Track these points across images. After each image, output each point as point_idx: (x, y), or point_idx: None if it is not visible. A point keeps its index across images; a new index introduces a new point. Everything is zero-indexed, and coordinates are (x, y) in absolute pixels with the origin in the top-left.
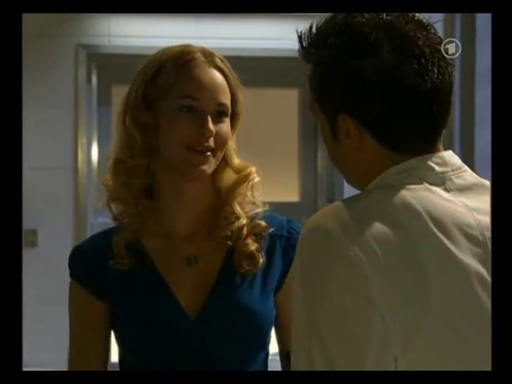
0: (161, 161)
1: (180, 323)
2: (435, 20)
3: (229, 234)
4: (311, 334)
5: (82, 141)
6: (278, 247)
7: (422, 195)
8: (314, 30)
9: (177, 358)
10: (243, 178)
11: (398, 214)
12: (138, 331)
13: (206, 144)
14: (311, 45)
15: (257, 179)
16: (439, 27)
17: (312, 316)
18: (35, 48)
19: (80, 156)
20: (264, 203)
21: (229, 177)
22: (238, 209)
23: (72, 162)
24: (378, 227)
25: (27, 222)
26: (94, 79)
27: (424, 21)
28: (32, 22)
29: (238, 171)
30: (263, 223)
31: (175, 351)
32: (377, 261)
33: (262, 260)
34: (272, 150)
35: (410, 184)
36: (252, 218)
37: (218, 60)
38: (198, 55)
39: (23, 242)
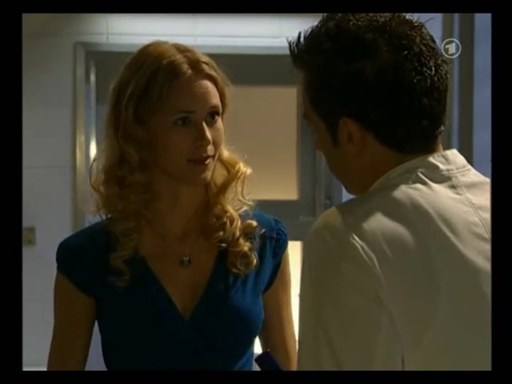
0: (159, 170)
1: (174, 323)
2: (425, 19)
3: (222, 234)
4: (319, 334)
5: (81, 139)
6: (268, 248)
7: (429, 194)
8: (302, 38)
9: (169, 357)
10: (233, 176)
11: (407, 212)
12: (131, 331)
13: (204, 154)
14: (304, 52)
15: (249, 171)
16: (435, 26)
17: (320, 315)
18: (33, 46)
19: (78, 154)
20: (252, 200)
21: (219, 173)
22: (229, 208)
23: (70, 160)
24: (388, 225)
25: (25, 220)
26: (93, 77)
27: (414, 21)
28: (30, 20)
29: (227, 166)
30: (254, 223)
31: (168, 350)
32: (387, 259)
33: (255, 260)
34: (270, 147)
35: (415, 183)
36: (241, 216)
37: (204, 67)
38: (186, 68)
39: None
